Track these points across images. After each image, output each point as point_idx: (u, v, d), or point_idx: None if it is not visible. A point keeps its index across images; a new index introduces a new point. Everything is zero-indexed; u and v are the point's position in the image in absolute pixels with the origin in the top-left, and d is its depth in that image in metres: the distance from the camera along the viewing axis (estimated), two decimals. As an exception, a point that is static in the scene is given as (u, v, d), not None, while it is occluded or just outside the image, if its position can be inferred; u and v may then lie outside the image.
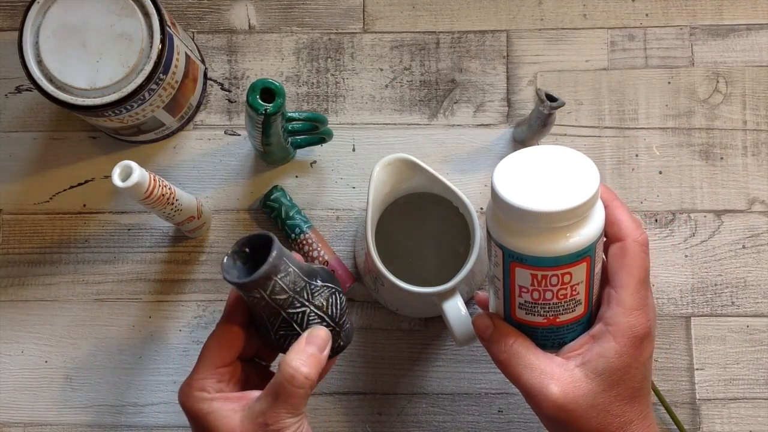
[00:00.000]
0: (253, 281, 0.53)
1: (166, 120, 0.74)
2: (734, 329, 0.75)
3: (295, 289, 0.55)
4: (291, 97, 0.78)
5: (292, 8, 0.80)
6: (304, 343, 0.55)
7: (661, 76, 0.78)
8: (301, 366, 0.54)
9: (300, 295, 0.56)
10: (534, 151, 0.52)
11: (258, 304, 0.55)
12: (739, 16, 0.79)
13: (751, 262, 0.76)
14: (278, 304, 0.55)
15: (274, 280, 0.54)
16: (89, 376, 0.75)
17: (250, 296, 0.55)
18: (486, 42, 0.79)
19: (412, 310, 0.73)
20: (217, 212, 0.77)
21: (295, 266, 0.56)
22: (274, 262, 0.54)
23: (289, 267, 0.55)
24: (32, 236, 0.77)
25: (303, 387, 0.53)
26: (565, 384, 0.51)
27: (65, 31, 0.67)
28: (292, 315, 0.56)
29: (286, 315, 0.56)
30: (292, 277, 0.55)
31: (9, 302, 0.76)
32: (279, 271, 0.54)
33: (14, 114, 0.79)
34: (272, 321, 0.56)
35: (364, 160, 0.78)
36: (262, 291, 0.54)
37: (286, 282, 0.55)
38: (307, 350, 0.55)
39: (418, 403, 0.75)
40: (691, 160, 0.77)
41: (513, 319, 0.54)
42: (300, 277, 0.56)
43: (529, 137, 0.75)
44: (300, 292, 0.56)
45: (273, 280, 0.54)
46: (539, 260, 0.50)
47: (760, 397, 0.74)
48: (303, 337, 0.56)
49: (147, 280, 0.76)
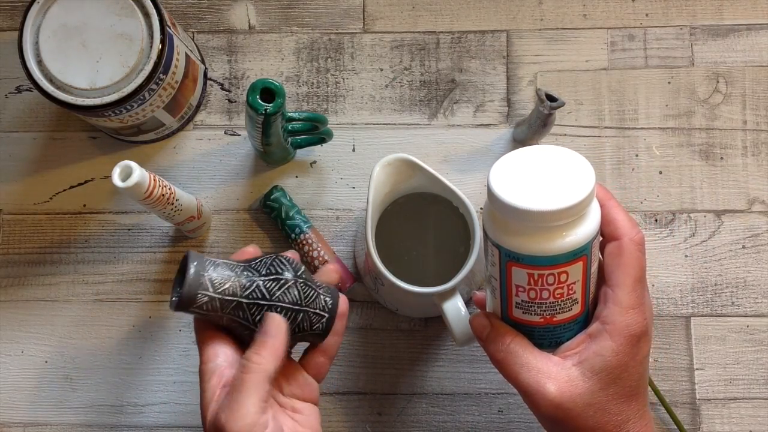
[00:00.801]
0: (188, 287, 0.53)
1: (166, 120, 0.74)
2: (734, 329, 0.75)
3: (235, 273, 0.55)
4: (291, 97, 0.78)
5: (292, 8, 0.80)
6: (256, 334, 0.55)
7: (661, 76, 0.78)
8: (251, 354, 0.53)
9: (243, 276, 0.55)
10: (530, 151, 0.52)
11: (217, 310, 0.55)
12: (739, 16, 0.79)
13: (751, 262, 0.76)
14: (229, 293, 0.54)
15: (205, 275, 0.54)
16: (89, 376, 0.75)
17: (203, 308, 0.54)
18: (486, 42, 0.79)
19: (412, 310, 0.73)
20: (217, 212, 0.77)
21: (222, 259, 0.56)
22: (195, 263, 0.54)
23: (216, 262, 0.55)
24: (32, 236, 0.77)
25: (253, 371, 0.52)
26: (562, 383, 0.51)
27: (65, 31, 0.67)
28: (251, 295, 0.55)
29: (246, 299, 0.55)
30: (226, 267, 0.55)
31: (9, 302, 0.76)
32: (205, 267, 0.54)
33: (14, 114, 0.79)
34: (241, 314, 0.55)
35: (364, 160, 0.78)
36: (204, 292, 0.54)
37: (220, 272, 0.55)
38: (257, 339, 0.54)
39: (418, 403, 0.75)
40: (691, 160, 0.77)
41: (510, 318, 0.54)
42: (234, 264, 0.56)
43: (529, 137, 0.75)
44: (241, 274, 0.55)
45: (204, 275, 0.54)
46: (536, 259, 0.50)
47: (760, 397, 0.74)
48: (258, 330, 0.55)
49: (147, 280, 0.77)
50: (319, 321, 0.58)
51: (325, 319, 0.58)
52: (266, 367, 0.53)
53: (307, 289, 0.57)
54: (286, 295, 0.56)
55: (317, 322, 0.58)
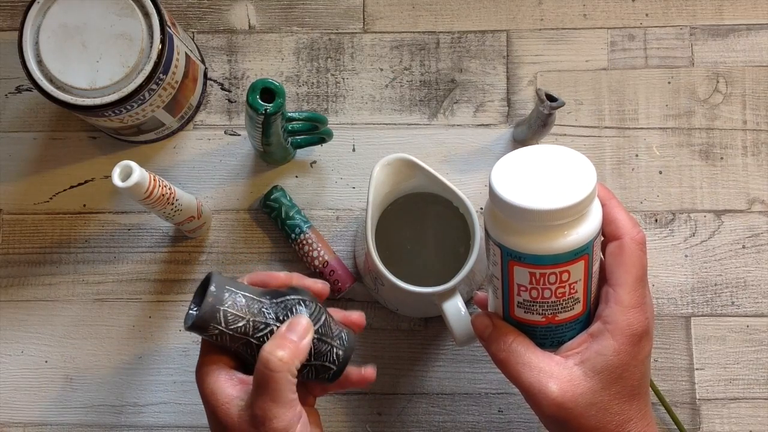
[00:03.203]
0: (200, 317, 0.53)
1: (166, 120, 0.74)
2: (734, 329, 0.75)
3: (252, 312, 0.55)
4: (291, 97, 0.78)
5: (292, 8, 0.80)
6: (283, 329, 0.54)
7: (661, 76, 0.78)
8: (275, 349, 0.52)
9: (260, 316, 0.55)
10: (531, 150, 0.53)
11: (225, 342, 0.54)
12: (739, 16, 0.79)
13: (751, 262, 0.76)
14: (241, 332, 0.54)
15: (221, 310, 0.53)
16: (89, 376, 0.75)
17: (212, 338, 0.54)
18: (486, 42, 0.79)
19: (412, 310, 0.73)
20: (217, 212, 0.77)
21: (245, 291, 0.55)
22: (215, 292, 0.53)
23: (237, 294, 0.54)
24: (32, 236, 0.77)
25: (279, 370, 0.52)
26: (564, 382, 0.51)
27: (65, 31, 0.67)
28: (262, 338, 0.55)
29: (256, 341, 0.55)
30: (244, 302, 0.55)
31: (9, 302, 0.76)
32: (223, 300, 0.54)
33: (14, 114, 0.79)
34: (249, 351, 0.55)
35: (364, 160, 0.78)
36: (216, 325, 0.53)
37: (238, 308, 0.54)
38: (285, 335, 0.54)
39: (418, 403, 0.74)
40: (691, 160, 0.77)
41: (512, 318, 0.54)
42: (254, 299, 0.55)
43: (529, 137, 0.75)
44: (258, 314, 0.55)
45: (220, 310, 0.53)
46: (538, 258, 0.50)
47: (760, 397, 0.74)
48: (282, 325, 0.55)
49: (147, 280, 0.76)
50: (326, 372, 0.58)
51: (332, 371, 0.58)
52: (289, 365, 0.52)
53: (319, 345, 0.56)
54: None
55: (323, 372, 0.58)
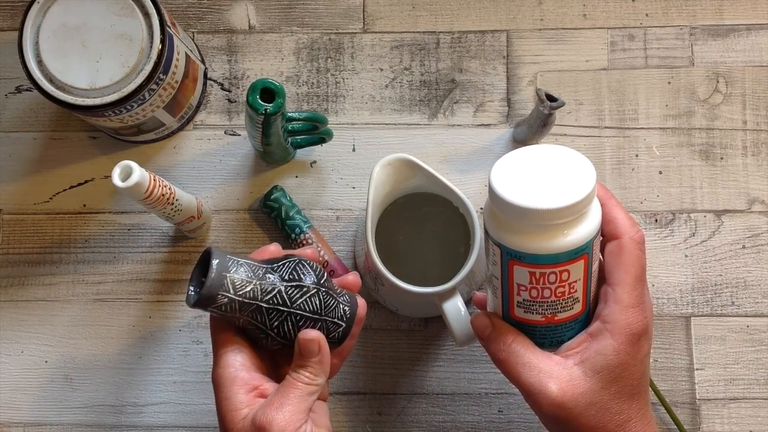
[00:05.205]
0: (209, 286, 0.53)
1: (166, 120, 0.74)
2: (734, 329, 0.75)
3: (257, 275, 0.55)
4: (291, 97, 0.78)
5: (292, 8, 0.80)
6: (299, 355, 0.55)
7: (661, 76, 0.78)
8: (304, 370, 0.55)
9: (265, 279, 0.55)
10: (531, 150, 0.53)
11: (235, 311, 0.54)
12: (739, 16, 0.79)
13: (751, 262, 0.76)
14: (250, 297, 0.54)
15: (228, 276, 0.53)
16: (89, 376, 0.75)
17: (221, 308, 0.54)
18: (486, 42, 0.79)
19: (412, 310, 0.73)
20: (217, 212, 0.77)
21: (246, 259, 0.56)
22: (219, 261, 0.54)
23: (239, 261, 0.55)
24: (32, 236, 0.77)
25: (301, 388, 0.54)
26: (564, 382, 0.51)
27: (65, 31, 0.67)
28: (271, 300, 0.55)
29: (266, 304, 0.55)
30: (248, 268, 0.55)
31: (9, 302, 0.76)
32: (228, 267, 0.54)
33: (14, 114, 0.79)
34: (260, 318, 0.55)
35: (364, 160, 0.78)
36: (224, 293, 0.53)
37: (243, 273, 0.54)
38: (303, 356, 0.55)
39: (418, 403, 0.74)
40: (691, 160, 0.77)
41: (511, 317, 0.54)
42: (257, 265, 0.56)
43: (529, 137, 0.75)
44: (263, 277, 0.55)
45: (227, 276, 0.53)
46: (537, 258, 0.50)
47: (760, 397, 0.74)
48: (297, 349, 0.56)
49: (147, 280, 0.76)
50: (336, 330, 0.58)
51: (342, 328, 0.58)
52: (318, 382, 0.55)
53: (327, 299, 0.57)
54: (307, 304, 0.56)
55: (334, 330, 0.58)
